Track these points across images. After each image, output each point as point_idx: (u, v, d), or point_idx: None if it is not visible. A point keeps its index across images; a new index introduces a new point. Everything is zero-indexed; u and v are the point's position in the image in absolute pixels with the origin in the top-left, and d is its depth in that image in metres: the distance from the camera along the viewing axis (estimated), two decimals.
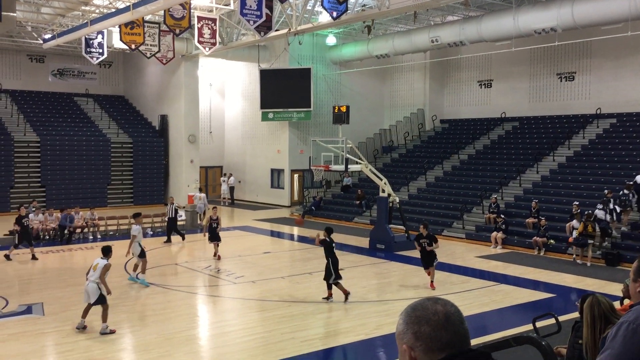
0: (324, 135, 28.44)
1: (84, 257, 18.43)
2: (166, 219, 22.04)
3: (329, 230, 13.46)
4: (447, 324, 1.76)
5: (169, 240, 21.22)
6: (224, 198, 34.65)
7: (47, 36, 26.88)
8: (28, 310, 12.25)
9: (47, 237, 21.21)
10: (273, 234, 24.36)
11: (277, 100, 31.47)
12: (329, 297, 13.05)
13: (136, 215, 15.72)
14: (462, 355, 1.73)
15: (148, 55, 25.34)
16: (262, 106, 31.98)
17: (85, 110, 34.50)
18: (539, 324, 6.06)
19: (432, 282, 14.12)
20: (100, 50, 25.07)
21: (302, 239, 22.88)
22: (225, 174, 36.18)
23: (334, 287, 12.98)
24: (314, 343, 10.57)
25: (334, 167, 21.56)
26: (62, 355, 9.79)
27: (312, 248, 20.47)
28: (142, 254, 14.76)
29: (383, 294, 14.46)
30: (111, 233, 22.88)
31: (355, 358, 10.30)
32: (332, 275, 12.82)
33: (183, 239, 21.44)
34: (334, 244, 13.15)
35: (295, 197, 33.19)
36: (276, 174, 33.70)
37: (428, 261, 14.16)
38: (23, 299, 13.15)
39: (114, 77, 37.08)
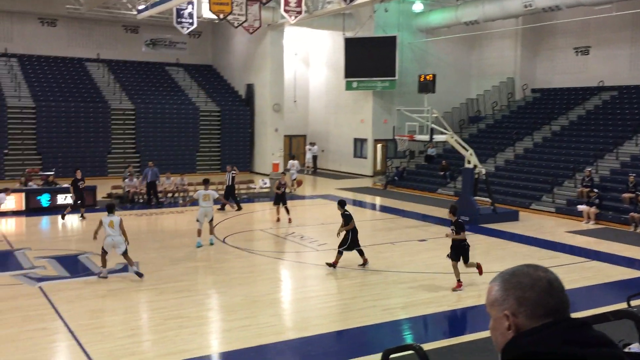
0: (408, 104, 27.99)
1: (175, 221, 19.28)
2: (224, 186, 22.15)
3: (342, 203, 13.85)
4: (551, 290, 1.73)
5: (222, 208, 20.61)
6: (308, 167, 35.02)
7: (141, 7, 27.85)
8: (124, 268, 12.99)
9: (141, 201, 22.25)
10: (355, 203, 24.41)
11: (362, 69, 31.23)
12: (364, 263, 13.36)
13: (205, 182, 16.47)
14: (566, 322, 1.68)
15: (235, 24, 25.72)
16: (346, 75, 31.85)
17: (176, 79, 35.67)
18: (634, 303, 5.78)
19: (458, 280, 11.69)
20: (190, 21, 25.71)
21: (384, 209, 22.83)
22: (310, 143, 36.51)
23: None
24: (395, 312, 10.60)
25: (418, 137, 21.25)
26: (156, 311, 10.35)
27: (394, 218, 20.44)
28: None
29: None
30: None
31: (437, 329, 10.25)
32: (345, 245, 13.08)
33: (239, 208, 20.87)
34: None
35: (378, 167, 33.07)
36: (359, 143, 33.64)
37: (455, 253, 11.84)
38: (120, 258, 13.93)
39: (203, 47, 38.01)
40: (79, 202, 18.97)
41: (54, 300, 10.66)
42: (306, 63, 37.50)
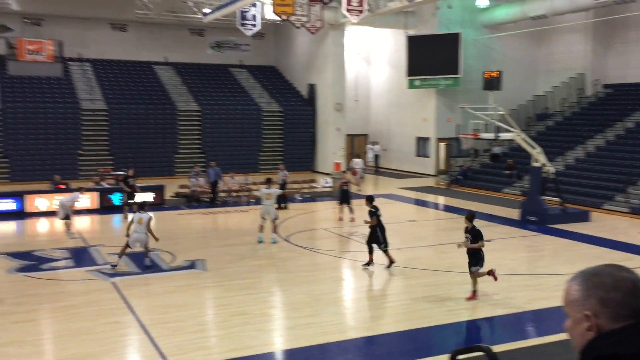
0: (473, 102, 27.43)
1: (239, 219, 19.64)
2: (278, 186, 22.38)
3: (370, 199, 13.51)
4: (636, 291, 1.67)
5: (279, 207, 20.80)
6: (369, 166, 34.92)
7: (206, 10, 28.52)
8: (192, 265, 13.36)
9: (207, 200, 22.76)
10: (418, 202, 24.19)
11: (424, 67, 30.88)
12: (369, 263, 12.93)
13: (268, 181, 16.71)
14: None
15: (297, 25, 25.95)
16: (409, 73, 31.57)
17: (240, 80, 36.32)
18: None
19: (473, 291, 10.90)
20: (254, 22, 26.15)
21: (448, 208, 22.49)
22: (371, 142, 36.40)
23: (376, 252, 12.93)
24: (460, 313, 10.44)
25: (483, 135, 20.82)
26: (222, 308, 10.59)
27: (458, 217, 20.08)
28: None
29: (534, 268, 13.86)
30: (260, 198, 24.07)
31: (504, 332, 10.01)
32: (382, 242, 12.75)
33: (285, 207, 21.02)
34: (378, 212, 13.08)
35: (441, 166, 32.60)
36: (422, 142, 33.27)
37: (471, 261, 11.05)
38: (187, 255, 14.35)
39: (266, 48, 38.53)
40: (130, 200, 19.61)
41: (126, 295, 11.07)
42: (368, 62, 37.39)
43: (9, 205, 19.74)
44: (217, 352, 8.62)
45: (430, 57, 30.39)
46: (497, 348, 8.35)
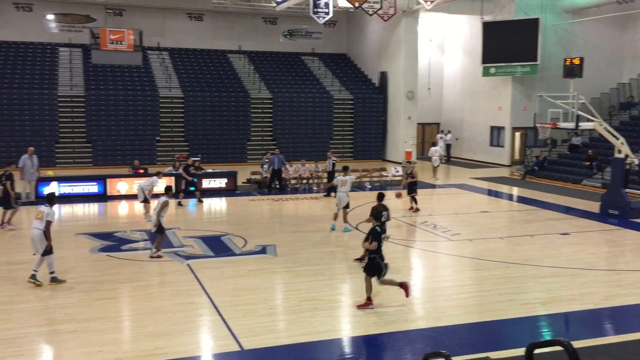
0: (551, 90, 26.40)
1: (309, 206, 19.81)
2: (325, 173, 22.39)
3: (380, 197, 11.41)
4: None
5: (328, 195, 21.27)
6: (441, 155, 34.33)
7: None
8: (263, 250, 13.61)
9: (276, 187, 23.02)
10: (491, 193, 23.62)
11: (500, 54, 29.99)
12: (362, 259, 12.21)
13: (345, 169, 16.61)
14: None
15: (370, 12, 25.80)
16: (484, 61, 30.76)
17: (311, 68, 36.48)
18: None
19: (367, 298, 9.82)
20: (327, 10, 26.14)
21: (522, 200, 21.84)
22: (442, 131, 35.78)
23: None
24: (535, 307, 10.15)
25: (561, 124, 20.00)
26: (293, 293, 10.73)
27: (534, 210, 19.49)
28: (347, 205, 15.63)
29: (615, 264, 13.27)
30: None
31: (581, 328, 9.65)
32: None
33: (328, 195, 21.21)
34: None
35: (516, 156, 31.68)
36: (496, 131, 32.40)
37: (370, 266, 9.85)
38: (259, 240, 14.63)
39: (338, 35, 38.50)
40: (190, 187, 20.10)
41: (200, 277, 11.43)
42: (441, 49, 36.67)
43: (92, 188, 20.74)
44: (287, 335, 8.77)
45: (507, 43, 29.48)
46: (573, 345, 8.08)
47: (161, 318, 9.29)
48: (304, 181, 23.71)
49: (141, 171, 22.34)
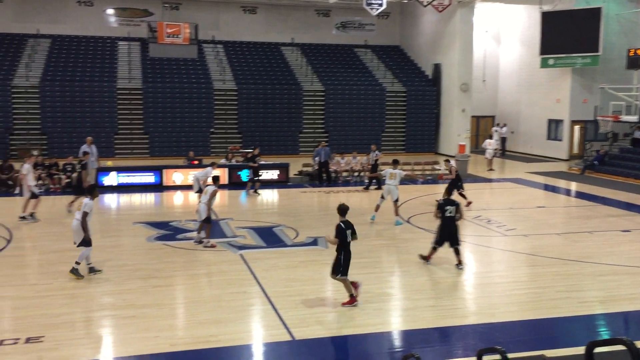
0: (614, 82, 25.47)
1: (360, 199, 19.78)
2: (369, 166, 22.13)
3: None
4: None
5: (367, 188, 21.24)
6: (495, 149, 33.67)
7: None
8: (314, 242, 13.69)
9: (325, 179, 23.06)
10: (547, 188, 23.00)
11: (560, 44, 29.11)
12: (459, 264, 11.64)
13: (395, 162, 16.53)
14: None
15: (424, 3, 25.46)
16: (542, 52, 29.94)
17: (364, 60, 36.31)
18: None
19: (350, 295, 9.51)
20: (380, 2, 25.97)
21: (581, 195, 21.18)
22: (498, 124, 35.04)
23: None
24: (593, 306, 9.86)
25: (624, 117, 19.29)
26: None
27: (591, 206, 18.89)
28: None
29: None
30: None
31: None
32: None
33: (366, 189, 21.16)
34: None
35: (575, 150, 30.74)
36: (554, 124, 31.52)
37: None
38: (310, 231, 14.71)
39: (391, 27, 38.17)
40: (256, 177, 20.31)
41: (253, 267, 11.59)
42: (497, 40, 35.87)
43: (149, 178, 21.29)
44: (338, 327, 8.81)
45: (567, 33, 28.58)
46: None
47: (215, 306, 9.48)
48: (356, 174, 23.68)
49: (196, 162, 22.79)
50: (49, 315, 8.98)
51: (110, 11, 33.81)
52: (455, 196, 18.48)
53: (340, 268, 9.46)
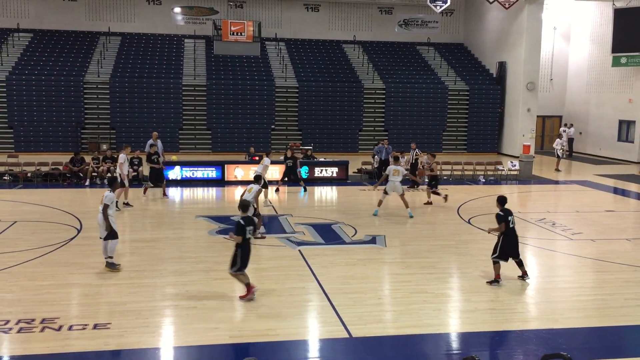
0: None
1: (420, 198, 19.56)
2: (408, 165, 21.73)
3: (501, 200, 10.61)
4: None
5: (412, 187, 20.97)
6: (562, 149, 32.62)
7: None
8: (373, 240, 13.65)
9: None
10: (617, 191, 22.11)
11: (633, 42, 27.94)
12: (523, 276, 10.85)
13: (396, 159, 17.17)
14: None
15: (491, 0, 24.88)
16: (614, 50, 28.82)
17: (426, 58, 35.88)
18: None
19: (247, 284, 9.62)
20: None
21: None
22: (565, 124, 33.93)
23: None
24: None
25: None
26: (402, 284, 10.67)
27: None
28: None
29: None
30: (445, 177, 23.69)
31: None
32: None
33: (413, 187, 20.91)
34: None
35: None
36: (625, 125, 30.28)
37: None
38: (369, 230, 14.68)
39: (455, 25, 37.55)
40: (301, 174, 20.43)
41: (311, 263, 11.67)
42: (566, 38, 34.72)
43: (211, 173, 21.76)
44: (396, 326, 8.76)
45: None
46: None
47: (273, 300, 9.60)
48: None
49: (256, 158, 23.11)
50: (115, 303, 9.32)
51: (177, 10, 34.70)
52: (426, 194, 18.22)
53: (236, 263, 9.51)
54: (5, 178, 20.82)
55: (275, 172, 21.76)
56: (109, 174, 20.35)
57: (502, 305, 9.70)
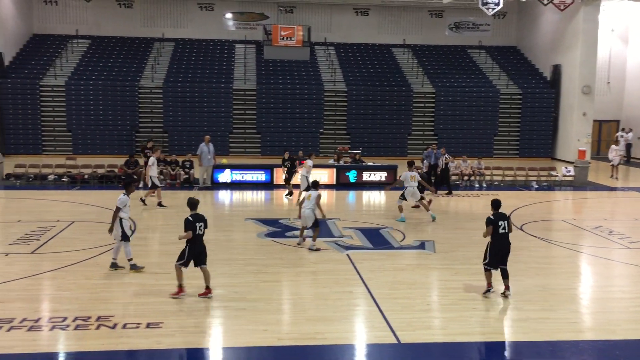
0: None
1: (470, 204, 19.28)
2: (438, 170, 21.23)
3: (494, 204, 10.23)
4: None
5: (449, 192, 20.55)
6: (621, 155, 31.54)
7: None
8: (421, 245, 13.51)
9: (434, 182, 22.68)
10: None
11: None
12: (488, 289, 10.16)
13: (410, 164, 16.79)
14: None
15: (545, 2, 24.40)
16: None
17: (477, 62, 35.35)
18: None
19: (179, 285, 9.84)
20: (496, 1, 25.18)
21: None
22: (623, 129, 32.82)
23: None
24: None
25: None
26: (451, 291, 10.49)
27: None
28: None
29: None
30: (496, 183, 23.27)
31: None
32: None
33: (449, 192, 20.51)
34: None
35: None
36: None
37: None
38: (417, 235, 14.55)
39: (507, 27, 36.87)
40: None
41: (359, 267, 11.64)
42: (624, 40, 33.63)
43: (260, 176, 21.99)
44: (445, 333, 8.64)
45: None
46: None
47: (321, 304, 9.62)
48: (465, 178, 23.10)
49: (305, 162, 23.18)
50: (167, 303, 9.52)
51: (229, 15, 35.28)
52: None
53: (182, 257, 9.70)
54: (64, 180, 21.58)
55: (323, 176, 21.82)
56: (161, 175, 20.80)
57: (555, 314, 9.44)
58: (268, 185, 21.73)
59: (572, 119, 30.61)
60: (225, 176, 21.76)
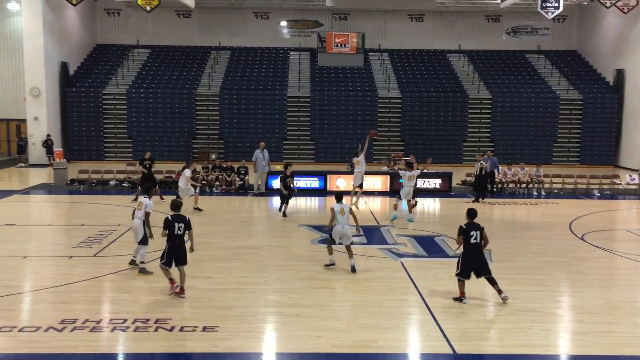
0: None
1: (528, 212, 18.80)
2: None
3: (470, 213, 10.04)
4: None
5: (476, 200, 19.93)
6: None
7: None
8: None
9: (495, 190, 22.19)
10: None
11: None
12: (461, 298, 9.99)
13: (408, 164, 17.21)
14: None
15: (608, 4, 23.63)
16: None
17: (536, 66, 34.53)
18: None
19: (179, 286, 10.20)
20: (556, 4, 24.56)
21: None
22: None
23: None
24: None
25: None
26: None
27: None
28: None
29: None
30: (555, 191, 22.62)
31: None
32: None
33: (476, 200, 19.97)
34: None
35: None
36: None
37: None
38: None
39: (567, 31, 35.89)
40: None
41: (413, 275, 11.52)
42: None
43: (314, 183, 22.10)
44: (502, 345, 8.44)
45: None
46: None
47: (375, 312, 9.56)
48: (523, 185, 22.55)
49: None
50: (223, 307, 9.67)
51: (283, 23, 35.70)
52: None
53: (164, 257, 10.01)
54: (125, 185, 22.26)
55: (377, 182, 21.75)
56: (204, 182, 21.16)
57: (619, 328, 9.08)
58: (322, 192, 21.80)
59: (637, 124, 29.49)
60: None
